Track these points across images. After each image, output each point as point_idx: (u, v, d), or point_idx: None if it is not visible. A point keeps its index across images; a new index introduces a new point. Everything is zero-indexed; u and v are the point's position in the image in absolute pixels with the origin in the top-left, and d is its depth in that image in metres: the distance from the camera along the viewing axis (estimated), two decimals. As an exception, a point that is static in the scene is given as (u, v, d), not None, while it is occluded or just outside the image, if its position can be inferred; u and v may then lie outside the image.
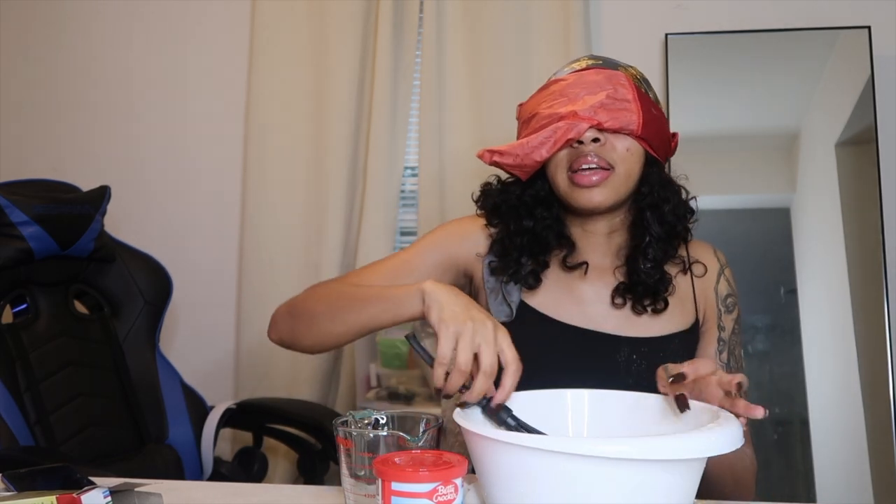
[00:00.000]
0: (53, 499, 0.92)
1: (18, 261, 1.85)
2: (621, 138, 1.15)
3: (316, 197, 2.53)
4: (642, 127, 1.14)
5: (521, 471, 0.80)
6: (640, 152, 1.17)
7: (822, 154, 2.32)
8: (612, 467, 0.76)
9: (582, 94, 1.14)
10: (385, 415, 0.94)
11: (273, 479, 2.46)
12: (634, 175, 1.18)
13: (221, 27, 2.68)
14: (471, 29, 2.45)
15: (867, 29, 2.27)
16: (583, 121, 1.12)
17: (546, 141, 1.13)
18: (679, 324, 1.22)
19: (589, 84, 1.15)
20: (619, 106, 1.13)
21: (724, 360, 1.23)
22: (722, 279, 1.26)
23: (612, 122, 1.12)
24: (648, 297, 1.19)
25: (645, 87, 1.20)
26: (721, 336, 1.23)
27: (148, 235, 2.47)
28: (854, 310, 2.25)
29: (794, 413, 2.26)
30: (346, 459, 0.88)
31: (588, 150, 1.14)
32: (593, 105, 1.12)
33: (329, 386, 2.54)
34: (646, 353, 1.18)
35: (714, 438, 0.80)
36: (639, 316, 1.21)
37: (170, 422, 2.01)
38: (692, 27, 2.39)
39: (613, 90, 1.14)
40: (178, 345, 2.63)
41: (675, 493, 0.80)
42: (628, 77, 1.16)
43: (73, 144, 2.74)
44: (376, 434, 0.87)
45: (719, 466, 1.09)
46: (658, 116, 1.18)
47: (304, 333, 1.16)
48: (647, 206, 1.21)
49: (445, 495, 0.76)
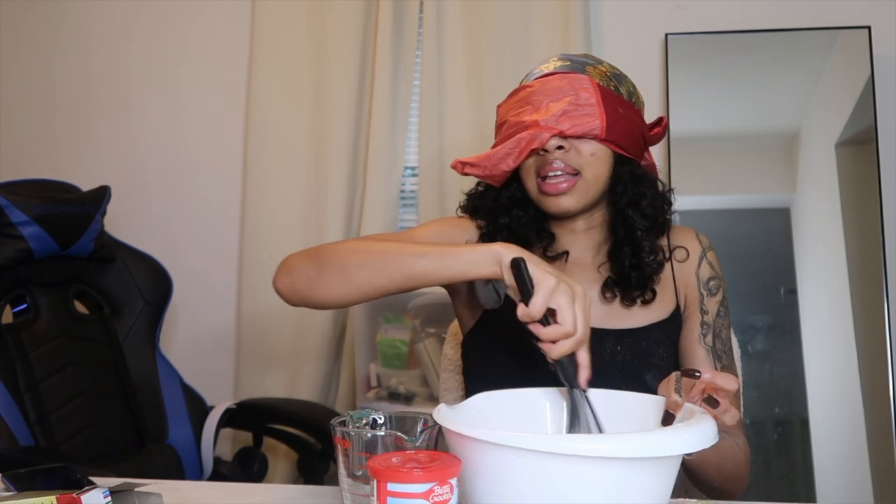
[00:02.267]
0: (53, 499, 0.92)
1: (18, 261, 1.85)
2: (586, 143, 1.17)
3: (316, 197, 2.53)
4: (606, 129, 1.16)
5: (494, 468, 0.80)
6: (607, 154, 1.19)
7: (822, 154, 2.32)
8: (585, 465, 0.76)
9: (545, 102, 1.17)
10: (383, 415, 0.94)
11: (273, 479, 2.46)
12: (602, 177, 1.20)
13: (221, 27, 2.68)
14: (471, 29, 2.45)
15: (867, 29, 2.27)
16: (544, 130, 1.15)
17: (511, 152, 1.18)
18: (660, 313, 1.23)
19: (552, 91, 1.17)
20: (582, 112, 1.15)
21: (708, 343, 1.23)
22: (704, 262, 1.26)
23: (575, 129, 1.15)
24: (637, 288, 1.22)
25: (615, 83, 1.20)
26: (704, 320, 1.24)
27: (148, 235, 2.47)
28: (854, 310, 2.24)
29: (794, 413, 2.26)
30: (344, 459, 0.88)
31: (553, 158, 1.17)
32: (555, 114, 1.15)
33: (329, 386, 2.55)
34: (629, 343, 1.20)
35: (687, 436, 0.79)
36: (622, 308, 1.22)
37: (170, 422, 2.01)
38: (692, 27, 2.39)
39: (575, 96, 1.16)
40: (178, 345, 2.63)
41: (650, 492, 0.80)
42: (592, 80, 1.17)
43: (73, 144, 2.74)
44: (374, 434, 0.87)
45: (706, 463, 1.09)
46: (626, 115, 1.18)
47: (332, 283, 1.09)
48: (625, 205, 1.23)
49: (442, 495, 0.76)
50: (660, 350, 1.21)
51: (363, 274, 1.07)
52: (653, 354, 1.20)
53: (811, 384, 2.26)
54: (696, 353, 1.22)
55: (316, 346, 2.51)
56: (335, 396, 2.55)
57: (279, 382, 2.54)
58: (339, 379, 2.55)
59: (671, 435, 0.80)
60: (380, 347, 2.34)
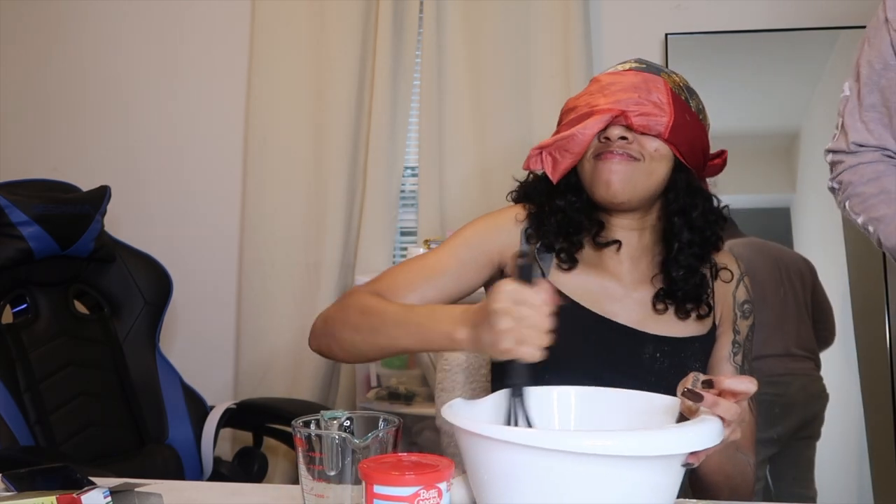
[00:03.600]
0: (53, 499, 0.92)
1: (18, 261, 1.85)
2: (649, 139, 1.16)
3: (316, 197, 2.53)
4: (671, 130, 1.14)
5: (501, 466, 0.80)
6: (668, 155, 1.17)
7: (822, 154, 2.31)
8: (590, 463, 0.76)
9: (616, 91, 1.16)
10: (351, 416, 0.94)
11: (273, 479, 2.46)
12: (658, 176, 1.18)
13: (221, 27, 2.68)
14: (471, 29, 2.45)
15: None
16: (612, 112, 1.14)
17: (585, 127, 1.15)
18: (700, 328, 1.23)
19: (625, 85, 1.17)
20: (650, 109, 1.14)
21: (737, 362, 1.24)
22: (741, 286, 1.27)
23: (641, 120, 1.14)
24: (690, 301, 1.21)
25: (686, 95, 1.20)
26: (736, 339, 1.24)
27: (148, 235, 2.46)
28: (854, 310, 2.24)
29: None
30: (303, 458, 0.89)
31: (614, 146, 1.16)
32: (625, 100, 1.14)
33: (329, 386, 2.55)
34: (668, 351, 1.20)
35: (691, 435, 0.79)
36: (661, 315, 1.22)
37: (170, 422, 2.01)
38: (692, 27, 2.39)
39: (647, 92, 1.15)
40: (178, 345, 2.63)
41: (655, 491, 0.80)
42: (666, 82, 1.17)
43: (73, 144, 2.74)
44: (324, 434, 0.88)
45: (716, 473, 1.09)
46: (692, 124, 1.18)
47: (335, 349, 1.19)
48: (674, 212, 1.21)
49: (428, 500, 0.75)
50: (696, 364, 1.21)
51: (356, 343, 1.15)
52: (689, 367, 1.19)
53: (811, 384, 2.26)
54: (724, 369, 1.22)
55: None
56: (335, 396, 2.55)
57: (279, 382, 2.54)
58: (339, 379, 2.55)
59: (679, 433, 0.80)
60: (380, 347, 2.33)
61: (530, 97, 2.43)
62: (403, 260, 1.28)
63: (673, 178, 1.20)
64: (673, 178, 1.20)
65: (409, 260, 1.28)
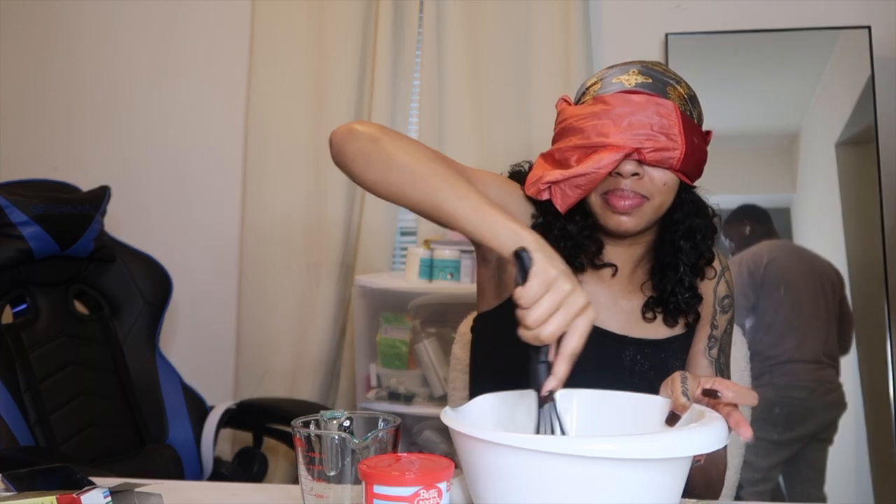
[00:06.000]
0: (53, 499, 0.92)
1: (18, 261, 1.85)
2: (660, 172, 1.14)
3: (316, 196, 2.53)
4: (683, 161, 1.12)
5: (499, 469, 0.80)
6: (676, 183, 1.16)
7: (822, 154, 2.32)
8: (595, 467, 0.76)
9: (630, 125, 1.12)
10: (351, 416, 0.94)
11: (273, 479, 2.46)
12: (667, 205, 1.18)
13: (221, 27, 2.68)
14: (471, 29, 2.45)
15: (867, 29, 2.27)
16: (626, 150, 1.10)
17: (599, 166, 1.12)
18: (680, 326, 1.24)
19: (637, 115, 1.12)
20: (664, 143, 1.11)
21: (713, 355, 1.24)
22: (722, 281, 1.27)
23: (654, 156, 1.11)
24: (686, 315, 1.22)
25: (691, 107, 1.17)
26: (713, 333, 1.25)
27: (148, 236, 2.46)
28: (854, 310, 2.24)
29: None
30: (303, 459, 0.89)
31: (625, 184, 1.13)
32: (636, 135, 1.11)
33: (329, 386, 2.55)
34: (649, 354, 1.20)
35: (699, 438, 0.79)
36: (649, 322, 1.22)
37: (170, 422, 2.01)
38: (692, 27, 2.39)
39: (660, 124, 1.12)
40: (178, 345, 2.63)
41: (660, 493, 0.80)
42: (676, 107, 1.13)
43: (73, 144, 2.74)
44: (323, 434, 0.88)
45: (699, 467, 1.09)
46: (699, 146, 1.16)
47: (372, 166, 1.09)
48: (680, 237, 1.21)
49: (428, 500, 0.76)
50: (676, 363, 1.22)
51: (402, 177, 1.06)
52: (670, 367, 1.20)
53: (811, 384, 2.26)
54: (699, 362, 1.23)
55: (316, 346, 2.51)
56: (335, 396, 2.55)
57: (279, 382, 2.54)
58: (339, 379, 2.55)
59: (686, 436, 0.80)
60: (380, 347, 2.33)
61: (530, 97, 2.43)
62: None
63: (679, 199, 1.19)
64: (679, 199, 1.19)
65: (451, 159, 1.21)
